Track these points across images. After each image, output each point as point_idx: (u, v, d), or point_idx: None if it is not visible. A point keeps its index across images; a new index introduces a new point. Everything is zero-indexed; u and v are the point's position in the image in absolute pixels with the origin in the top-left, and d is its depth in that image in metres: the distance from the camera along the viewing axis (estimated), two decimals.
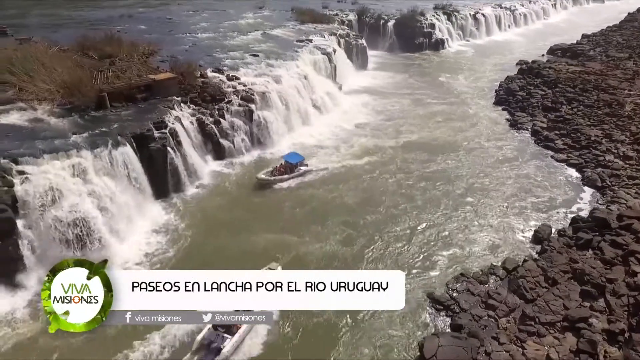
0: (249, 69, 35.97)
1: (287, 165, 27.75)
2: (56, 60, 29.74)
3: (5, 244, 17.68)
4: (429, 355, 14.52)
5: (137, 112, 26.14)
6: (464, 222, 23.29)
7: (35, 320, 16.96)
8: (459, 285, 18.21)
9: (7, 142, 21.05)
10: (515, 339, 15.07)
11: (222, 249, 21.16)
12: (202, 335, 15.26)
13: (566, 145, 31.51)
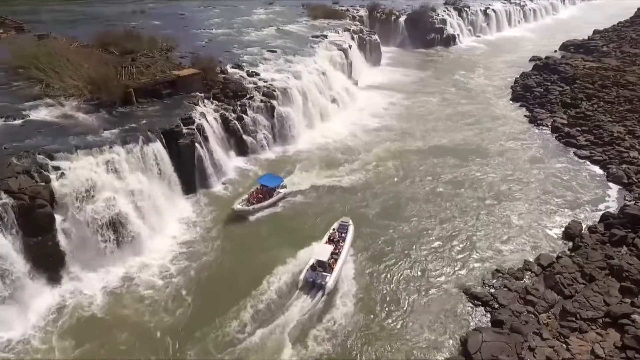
0: (268, 64, 35.92)
1: (265, 190, 24.53)
2: (80, 56, 29.78)
3: (44, 238, 17.78)
4: (474, 350, 14.59)
5: (163, 108, 26.14)
6: (493, 221, 23.25)
7: (73, 314, 17.17)
8: (495, 282, 18.28)
9: (40, 138, 21.10)
10: (558, 335, 15.11)
11: (252, 245, 21.36)
12: (304, 275, 18.60)
13: (588, 141, 31.41)
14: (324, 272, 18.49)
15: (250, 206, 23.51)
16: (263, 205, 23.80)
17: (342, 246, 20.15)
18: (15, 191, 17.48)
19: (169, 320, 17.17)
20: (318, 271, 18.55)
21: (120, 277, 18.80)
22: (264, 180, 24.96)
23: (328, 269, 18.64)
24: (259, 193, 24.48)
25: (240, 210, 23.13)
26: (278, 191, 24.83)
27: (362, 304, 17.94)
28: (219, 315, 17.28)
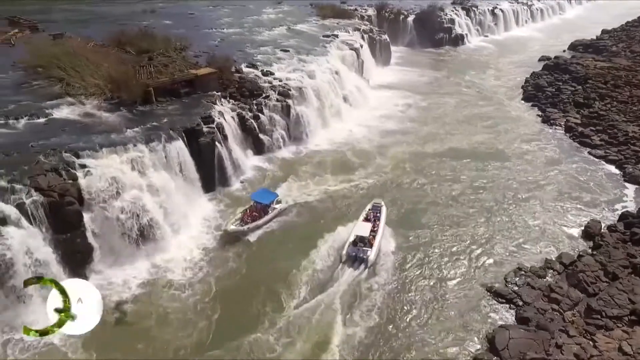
0: (281, 64, 36.11)
1: (260, 207, 22.92)
2: (98, 55, 30.09)
3: (73, 235, 18.05)
4: (501, 347, 14.76)
5: (182, 107, 26.38)
6: (513, 222, 23.33)
7: (105, 308, 17.34)
8: (517, 280, 18.44)
9: (65, 136, 21.38)
10: (584, 332, 15.27)
11: (276, 248, 21.61)
12: (346, 250, 20.14)
13: (603, 141, 31.51)
14: (365, 247, 20.15)
15: (245, 226, 21.81)
16: (258, 224, 22.21)
17: (378, 224, 21.94)
18: (44, 188, 17.74)
19: (205, 307, 17.64)
20: (359, 246, 20.19)
21: (146, 273, 19.01)
22: (258, 197, 23.26)
23: (368, 244, 20.30)
24: (253, 211, 22.89)
25: (235, 231, 21.48)
26: (273, 207, 23.17)
27: (398, 279, 19.47)
28: (259, 296, 18.34)
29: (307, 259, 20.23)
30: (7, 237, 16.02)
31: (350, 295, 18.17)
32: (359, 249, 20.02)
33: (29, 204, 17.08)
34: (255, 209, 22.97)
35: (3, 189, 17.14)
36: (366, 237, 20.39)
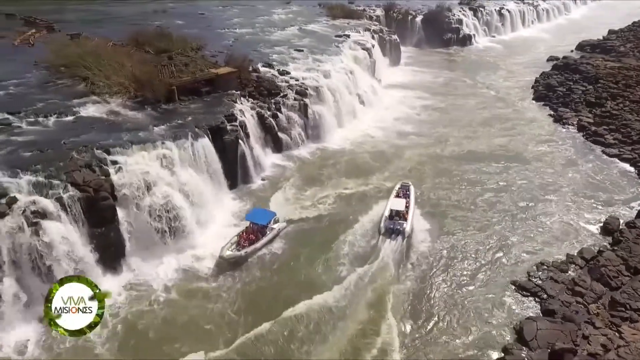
0: (297, 63, 36.59)
1: (257, 229, 21.50)
2: (119, 55, 30.55)
3: (107, 229, 18.56)
4: (530, 337, 15.20)
5: (204, 105, 26.87)
6: (532, 220, 23.65)
7: (134, 302, 17.92)
8: (540, 274, 18.88)
9: (94, 133, 21.88)
10: (610, 324, 15.69)
11: (301, 242, 22.09)
12: (384, 224, 21.79)
13: (616, 140, 31.90)
14: (400, 220, 21.92)
15: (242, 250, 20.27)
16: (257, 247, 20.78)
17: (409, 200, 23.80)
18: (80, 184, 18.23)
19: (247, 290, 18.90)
20: (395, 220, 21.96)
21: (176, 267, 19.49)
22: (254, 217, 21.70)
23: (403, 217, 22.09)
24: (249, 233, 21.35)
25: (231, 257, 19.92)
26: (271, 227, 21.73)
27: (431, 256, 21.19)
28: (304, 270, 19.99)
29: (345, 234, 22.28)
30: (48, 230, 16.58)
31: (394, 264, 20.13)
32: (395, 222, 21.76)
33: (66, 198, 17.58)
34: (252, 231, 21.44)
35: (42, 184, 17.66)
36: (402, 210, 22.11)
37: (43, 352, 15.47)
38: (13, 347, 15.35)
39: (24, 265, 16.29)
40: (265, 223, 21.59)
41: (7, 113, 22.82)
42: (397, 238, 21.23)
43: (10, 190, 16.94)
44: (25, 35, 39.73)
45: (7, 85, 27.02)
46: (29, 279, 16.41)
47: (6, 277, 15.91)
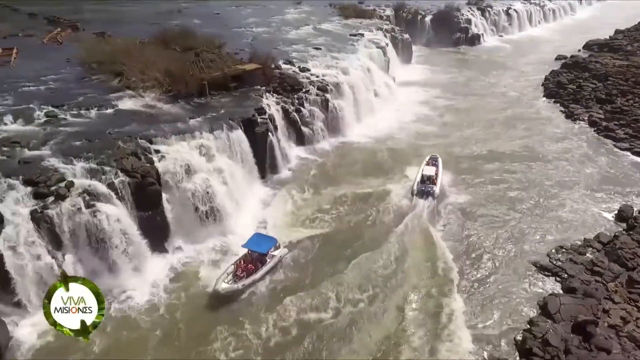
0: (316, 61, 37.80)
1: (256, 257, 19.81)
2: (149, 52, 31.85)
3: (154, 213, 19.86)
4: (554, 311, 16.35)
5: (233, 99, 28.14)
6: (550, 210, 24.68)
7: (181, 280, 19.20)
8: (560, 256, 20.03)
9: (135, 125, 23.19)
10: (628, 299, 16.82)
11: (332, 222, 23.35)
12: (416, 187, 25.42)
13: (627, 134, 32.99)
14: (431, 184, 25.44)
15: (239, 283, 18.52)
16: (255, 278, 18.98)
17: (438, 168, 27.04)
18: (129, 170, 19.55)
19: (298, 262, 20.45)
20: (426, 183, 25.52)
21: (216, 249, 20.83)
22: (253, 244, 19.76)
23: (433, 182, 25.59)
24: (247, 262, 19.61)
25: (227, 291, 18.15)
26: (272, 254, 20.08)
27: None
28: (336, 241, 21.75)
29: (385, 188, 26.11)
30: (103, 212, 17.86)
31: (429, 217, 23.67)
32: (426, 185, 25.34)
33: (117, 183, 18.90)
34: (251, 260, 19.70)
35: (95, 170, 18.99)
36: (432, 175, 25.85)
37: (112, 313, 17.09)
38: None
39: (81, 243, 17.60)
40: (265, 251, 19.74)
41: (51, 106, 24.18)
42: (428, 198, 24.81)
43: (67, 176, 18.27)
44: (53, 34, 41.22)
45: (46, 80, 28.43)
46: (86, 256, 17.71)
47: (67, 254, 17.23)
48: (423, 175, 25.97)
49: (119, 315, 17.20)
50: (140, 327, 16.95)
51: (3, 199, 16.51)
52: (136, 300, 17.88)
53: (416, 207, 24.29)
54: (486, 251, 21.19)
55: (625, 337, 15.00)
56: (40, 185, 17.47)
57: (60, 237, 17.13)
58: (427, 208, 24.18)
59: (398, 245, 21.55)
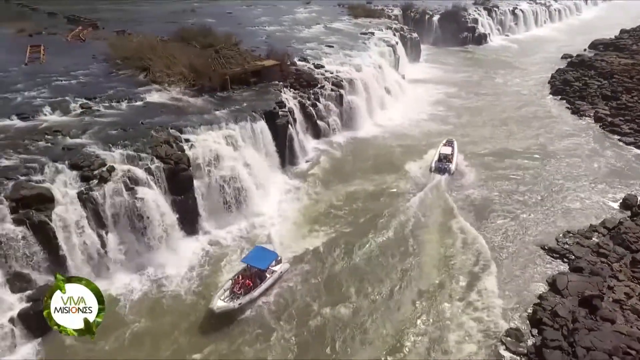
0: (329, 58, 39.13)
1: (255, 273, 18.86)
2: (171, 49, 33.27)
3: (186, 197, 21.22)
4: (562, 287, 17.55)
5: (254, 94, 29.48)
6: (558, 199, 25.86)
7: (212, 259, 20.59)
8: (567, 240, 21.21)
9: (165, 116, 24.58)
10: (632, 278, 17.98)
11: (348, 212, 24.65)
12: (434, 164, 28.53)
13: (632, 129, 34.09)
14: (447, 162, 28.58)
15: (236, 301, 17.58)
16: (254, 295, 17.99)
17: (453, 149, 30.02)
18: (163, 157, 20.92)
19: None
20: (443, 161, 28.70)
21: (243, 232, 22.20)
22: (252, 259, 18.89)
23: (449, 160, 28.70)
24: (246, 277, 18.66)
25: (223, 309, 17.22)
26: (272, 269, 19.20)
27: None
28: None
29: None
30: (142, 195, 19.23)
31: (445, 186, 26.91)
32: (443, 163, 28.54)
33: (153, 168, 20.27)
34: (249, 275, 18.77)
35: (132, 157, 20.36)
36: (449, 154, 29.10)
37: (148, 288, 18.51)
38: (121, 291, 18.08)
39: (122, 223, 18.97)
40: (265, 267, 18.77)
41: (85, 98, 25.64)
42: (445, 174, 27.93)
43: (107, 161, 19.66)
44: (76, 32, 42.77)
45: (76, 75, 29.90)
46: (126, 235, 19.08)
47: (110, 233, 18.62)
48: (440, 154, 29.08)
49: (154, 291, 18.54)
50: (174, 300, 18.25)
51: (53, 181, 17.96)
52: (170, 276, 19.24)
53: (434, 180, 27.41)
54: (498, 234, 22.47)
55: (628, 310, 16.18)
56: (85, 170, 18.87)
57: (103, 217, 18.52)
58: (444, 181, 27.38)
59: (418, 211, 24.35)
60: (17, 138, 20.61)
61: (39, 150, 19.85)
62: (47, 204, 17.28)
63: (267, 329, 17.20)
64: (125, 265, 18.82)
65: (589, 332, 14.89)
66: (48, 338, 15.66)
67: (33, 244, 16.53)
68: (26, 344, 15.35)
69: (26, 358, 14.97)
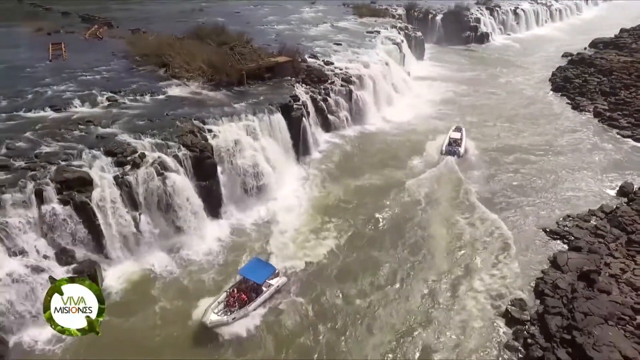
0: (338, 55, 40.62)
1: (251, 286, 18.30)
2: (188, 46, 34.73)
3: (210, 183, 22.67)
4: (562, 264, 18.98)
5: (269, 88, 30.93)
6: (559, 188, 27.34)
7: (234, 240, 22.02)
8: (567, 223, 22.66)
9: (187, 108, 26.06)
10: (627, 255, 19.36)
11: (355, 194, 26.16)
12: (445, 148, 31.19)
13: (630, 123, 35.56)
14: (457, 145, 31.40)
15: (230, 315, 17.09)
16: (248, 310, 17.42)
17: (462, 134, 32.83)
18: (189, 145, 22.40)
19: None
20: (453, 145, 31.53)
21: (262, 216, 23.64)
22: (249, 272, 18.37)
23: (459, 144, 31.46)
24: (241, 291, 18.08)
25: (216, 323, 16.74)
26: (269, 283, 18.55)
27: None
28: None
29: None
30: (171, 180, 20.68)
31: (458, 165, 29.62)
32: (453, 146, 31.35)
33: (181, 156, 21.73)
34: (245, 288, 18.22)
35: (161, 145, 21.86)
36: (458, 139, 31.99)
37: (178, 265, 19.95)
38: (156, 267, 19.59)
39: (153, 206, 20.43)
40: (261, 282, 18.21)
41: (110, 92, 27.15)
42: (454, 156, 30.57)
43: (138, 148, 21.13)
44: (92, 30, 44.25)
45: (99, 70, 31.42)
46: (157, 217, 20.53)
47: (143, 215, 20.05)
48: (450, 139, 31.94)
49: (182, 269, 19.95)
50: (200, 276, 19.69)
51: (91, 166, 19.41)
52: (197, 255, 20.68)
53: (445, 160, 30.10)
54: (503, 218, 23.86)
55: (623, 283, 17.55)
56: (119, 156, 20.39)
57: (137, 200, 19.99)
58: (454, 160, 30.10)
59: (431, 184, 27.20)
60: (53, 127, 22.16)
61: (75, 138, 21.40)
62: (87, 186, 18.79)
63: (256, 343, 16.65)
64: (156, 245, 20.26)
65: (587, 300, 16.31)
66: None
67: (76, 222, 18.06)
68: None
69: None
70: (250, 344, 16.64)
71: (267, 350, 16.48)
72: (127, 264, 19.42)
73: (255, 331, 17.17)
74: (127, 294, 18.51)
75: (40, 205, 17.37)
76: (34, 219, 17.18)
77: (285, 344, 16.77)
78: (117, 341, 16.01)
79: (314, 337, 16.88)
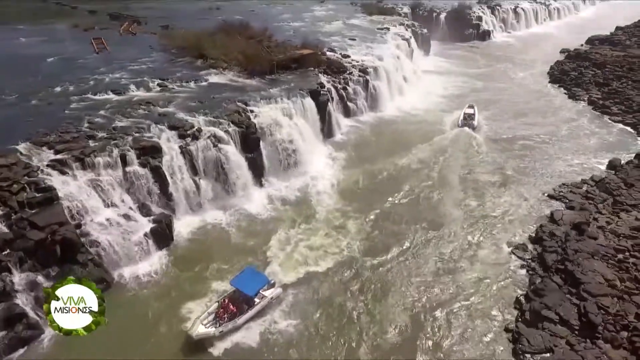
0: (353, 49, 44.22)
1: (242, 298, 17.58)
2: (222, 39, 38.24)
3: (254, 155, 26.24)
4: (558, 218, 22.62)
5: (296, 77, 34.51)
6: (554, 163, 30.95)
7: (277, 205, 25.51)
8: (562, 189, 26.30)
9: (229, 92, 29.63)
10: (612, 212, 22.92)
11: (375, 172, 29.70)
12: (460, 121, 36.26)
13: (620, 110, 39.21)
14: (471, 119, 36.35)
15: (219, 328, 16.46)
16: (237, 323, 16.76)
17: (475, 110, 37.89)
18: (237, 122, 25.96)
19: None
20: (467, 119, 36.49)
21: (300, 185, 27.13)
22: (240, 283, 17.59)
23: (472, 118, 36.34)
24: (233, 302, 17.42)
25: (202, 336, 16.13)
26: (262, 294, 17.82)
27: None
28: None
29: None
30: (225, 150, 24.25)
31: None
32: (467, 120, 36.31)
33: (230, 131, 25.27)
34: (237, 300, 17.51)
35: (213, 122, 25.40)
36: (472, 114, 37.19)
37: (232, 220, 23.46)
38: (211, 221, 23.15)
39: (210, 172, 23.98)
40: (253, 294, 17.45)
41: (159, 79, 30.68)
42: (469, 129, 35.13)
43: (195, 124, 24.67)
44: (126, 26, 47.75)
45: (143, 61, 34.94)
46: (213, 182, 24.10)
47: (202, 180, 23.60)
48: (464, 114, 36.96)
49: (235, 220, 23.69)
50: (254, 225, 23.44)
51: (160, 137, 22.94)
52: (247, 212, 24.29)
53: (461, 129, 35.41)
54: (507, 186, 27.58)
55: (608, 232, 21.07)
56: (180, 129, 23.92)
57: (197, 167, 23.56)
58: (467, 132, 35.04)
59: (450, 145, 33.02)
60: (120, 107, 25.73)
61: (141, 115, 24.97)
62: (158, 153, 22.34)
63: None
64: (212, 204, 23.88)
65: (577, 242, 19.88)
66: (169, 249, 20.84)
67: (152, 182, 21.62)
68: (156, 252, 20.38)
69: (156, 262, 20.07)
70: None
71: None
72: (190, 218, 22.98)
73: (242, 347, 16.12)
74: (192, 240, 22.10)
75: (125, 167, 20.95)
76: (119, 179, 20.75)
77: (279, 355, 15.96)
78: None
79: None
